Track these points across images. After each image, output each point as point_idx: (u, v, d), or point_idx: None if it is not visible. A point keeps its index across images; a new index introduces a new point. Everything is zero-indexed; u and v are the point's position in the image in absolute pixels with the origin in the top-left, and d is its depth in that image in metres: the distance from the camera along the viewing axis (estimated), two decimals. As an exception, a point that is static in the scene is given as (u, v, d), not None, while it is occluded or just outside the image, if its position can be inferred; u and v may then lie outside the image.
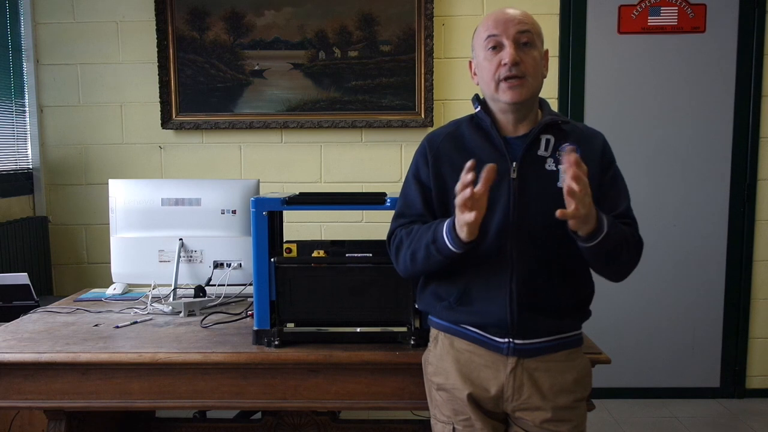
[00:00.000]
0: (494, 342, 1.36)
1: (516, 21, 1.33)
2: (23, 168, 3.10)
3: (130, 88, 3.11)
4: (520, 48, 1.32)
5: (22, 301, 2.30)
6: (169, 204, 2.08)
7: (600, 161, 1.37)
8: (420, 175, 1.42)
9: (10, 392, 1.62)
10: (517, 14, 1.34)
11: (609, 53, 3.09)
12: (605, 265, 1.35)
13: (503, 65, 1.31)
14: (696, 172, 3.15)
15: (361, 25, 3.03)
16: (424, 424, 2.15)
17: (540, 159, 1.35)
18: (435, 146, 1.42)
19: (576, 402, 1.38)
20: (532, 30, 1.34)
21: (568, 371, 1.37)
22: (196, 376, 1.62)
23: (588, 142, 1.38)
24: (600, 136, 1.42)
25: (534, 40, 1.34)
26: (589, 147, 1.37)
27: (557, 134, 1.37)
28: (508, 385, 1.35)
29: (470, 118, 1.44)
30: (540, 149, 1.36)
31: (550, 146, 1.36)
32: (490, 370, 1.37)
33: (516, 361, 1.35)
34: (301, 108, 3.08)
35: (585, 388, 1.41)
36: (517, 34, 1.32)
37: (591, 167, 1.33)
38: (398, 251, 1.41)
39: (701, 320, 3.22)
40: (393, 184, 3.08)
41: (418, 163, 1.44)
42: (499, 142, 1.36)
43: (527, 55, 1.32)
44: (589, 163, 1.33)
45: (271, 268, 1.65)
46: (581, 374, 1.40)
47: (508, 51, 1.31)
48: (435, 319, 1.46)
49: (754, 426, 2.95)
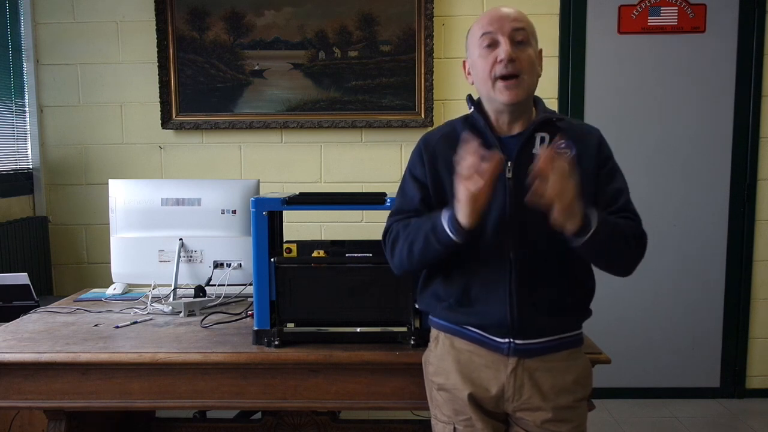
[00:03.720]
0: (495, 342, 1.36)
1: (511, 18, 1.33)
2: (23, 168, 3.10)
3: (130, 88, 3.11)
4: (516, 45, 1.32)
5: (22, 301, 2.30)
6: (169, 204, 2.08)
7: (596, 157, 1.37)
8: (416, 173, 1.42)
9: (10, 392, 1.62)
10: (512, 12, 1.35)
11: (609, 53, 3.09)
12: (603, 261, 1.35)
13: (499, 62, 1.31)
14: (696, 172, 3.15)
15: (361, 25, 3.03)
16: (424, 424, 2.15)
17: (535, 157, 1.33)
18: (431, 147, 1.42)
19: (577, 402, 1.38)
20: (527, 28, 1.34)
21: (568, 371, 1.37)
22: (196, 376, 1.62)
23: (584, 138, 1.38)
24: (596, 132, 1.41)
25: (529, 38, 1.34)
26: (585, 144, 1.37)
27: (552, 132, 1.37)
28: (508, 385, 1.35)
29: (465, 119, 1.44)
30: (535, 147, 1.36)
31: (545, 144, 1.35)
32: (490, 371, 1.37)
33: (516, 361, 1.35)
34: (301, 108, 3.08)
35: (586, 388, 1.41)
36: (512, 31, 1.32)
37: (587, 164, 1.34)
38: (394, 245, 1.40)
39: (701, 320, 3.22)
40: (393, 184, 3.04)
41: (415, 162, 1.44)
42: (494, 142, 1.36)
43: (523, 53, 1.32)
44: (585, 159, 1.34)
45: (271, 268, 1.65)
46: (582, 374, 1.40)
47: (504, 48, 1.30)
48: (435, 319, 1.46)
49: (754, 426, 2.95)
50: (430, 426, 1.49)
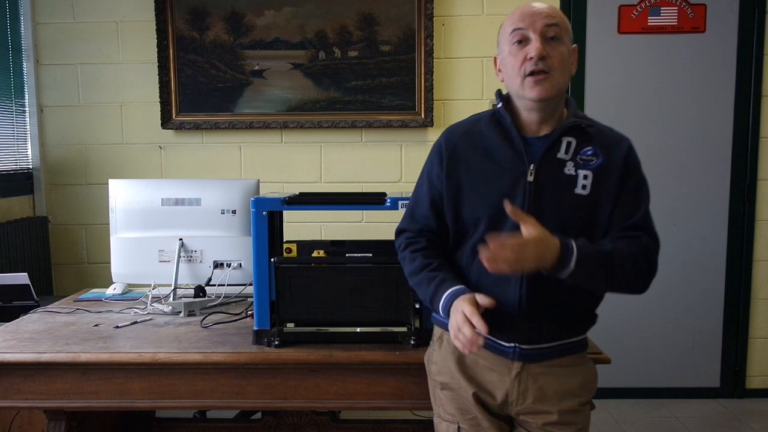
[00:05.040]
0: (500, 346, 1.35)
1: (544, 14, 1.28)
2: (23, 168, 3.10)
3: (130, 88, 3.11)
4: (547, 42, 1.27)
5: (22, 301, 2.30)
6: (169, 204, 2.08)
7: (622, 169, 1.31)
8: (432, 175, 1.40)
9: (10, 392, 1.62)
10: (545, 8, 1.30)
11: (609, 53, 3.09)
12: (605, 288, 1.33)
13: (529, 59, 1.26)
14: (696, 172, 3.15)
15: (361, 25, 3.03)
16: (424, 424, 2.15)
17: (559, 162, 1.30)
18: (451, 144, 1.38)
19: (581, 405, 1.37)
20: (561, 24, 1.29)
21: (573, 376, 1.36)
22: (196, 376, 1.62)
23: (612, 147, 1.32)
24: (626, 142, 1.35)
25: (562, 35, 1.29)
26: (612, 153, 1.31)
27: (580, 137, 1.32)
28: (512, 390, 1.34)
29: (491, 114, 1.38)
30: (560, 152, 1.30)
31: (571, 149, 1.30)
32: (495, 374, 1.36)
33: (521, 365, 1.34)
34: (301, 108, 3.08)
35: (590, 392, 1.40)
36: (544, 27, 1.27)
37: (611, 174, 1.30)
38: (402, 261, 1.45)
39: (701, 320, 3.22)
40: (393, 184, 3.08)
41: (433, 161, 1.41)
42: (518, 143, 1.31)
43: (554, 50, 1.27)
44: (610, 169, 1.29)
45: (271, 268, 1.65)
46: (587, 378, 1.39)
47: (535, 45, 1.26)
48: (441, 318, 1.43)
49: (754, 426, 2.95)
50: (430, 426, 1.49)
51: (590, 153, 1.30)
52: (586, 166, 1.30)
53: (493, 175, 1.32)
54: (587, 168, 1.30)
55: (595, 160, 1.30)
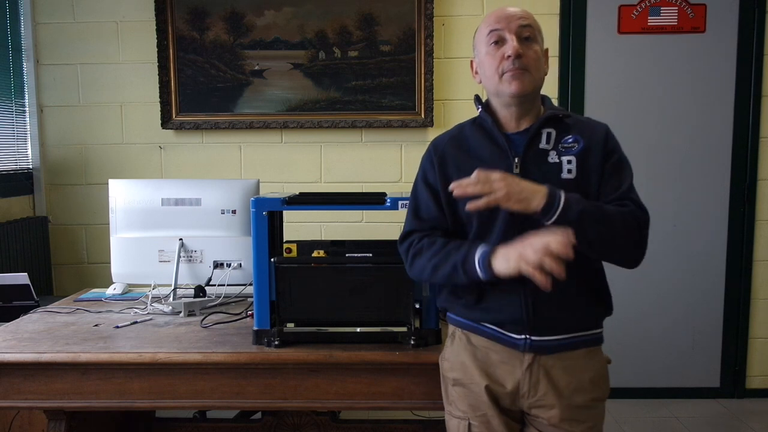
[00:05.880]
0: (511, 338, 1.37)
1: (518, 16, 1.36)
2: (23, 168, 3.10)
3: (130, 88, 3.11)
4: (522, 42, 1.34)
5: (22, 301, 2.30)
6: (169, 204, 2.09)
7: (603, 149, 1.37)
8: (428, 179, 1.44)
9: (10, 392, 1.62)
10: (519, 10, 1.38)
11: (609, 53, 3.09)
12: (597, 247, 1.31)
13: (506, 58, 1.33)
14: (696, 172, 3.15)
15: (361, 25, 3.03)
16: (424, 424, 2.15)
17: (542, 152, 1.36)
18: (440, 150, 1.44)
19: (593, 402, 1.37)
20: (534, 26, 1.37)
21: (585, 370, 1.37)
22: (196, 376, 1.62)
23: (591, 132, 1.39)
24: (603, 127, 1.42)
25: (535, 35, 1.37)
26: (592, 137, 1.37)
27: (559, 127, 1.39)
28: (524, 382, 1.36)
29: (473, 121, 1.46)
30: (542, 143, 1.37)
31: (552, 139, 1.37)
32: (506, 366, 1.37)
33: (533, 357, 1.35)
34: (301, 108, 3.08)
35: (602, 389, 1.40)
36: (519, 28, 1.34)
37: (593, 157, 1.36)
38: (415, 258, 1.42)
39: (701, 320, 3.22)
40: (393, 184, 3.08)
41: (426, 167, 1.46)
42: (501, 139, 1.37)
43: (529, 49, 1.34)
44: (592, 153, 1.35)
45: (271, 268, 1.65)
46: (597, 374, 1.40)
47: (511, 44, 1.33)
48: (453, 316, 1.47)
49: (754, 426, 2.95)
50: (430, 426, 1.49)
51: (571, 141, 1.37)
52: (568, 152, 1.36)
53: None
54: (570, 154, 1.36)
55: (576, 146, 1.36)
